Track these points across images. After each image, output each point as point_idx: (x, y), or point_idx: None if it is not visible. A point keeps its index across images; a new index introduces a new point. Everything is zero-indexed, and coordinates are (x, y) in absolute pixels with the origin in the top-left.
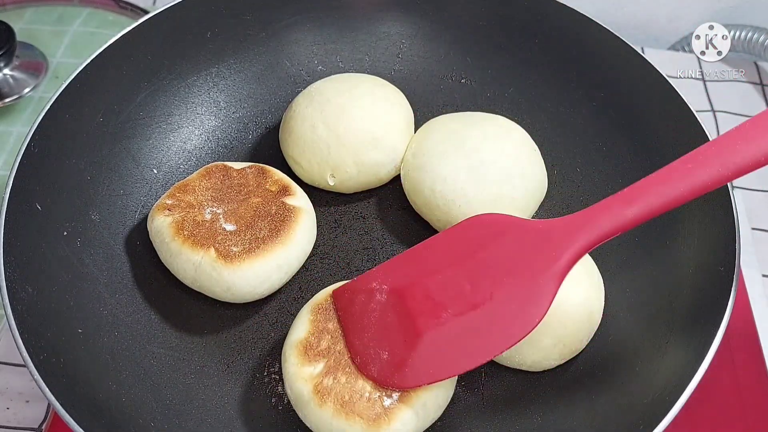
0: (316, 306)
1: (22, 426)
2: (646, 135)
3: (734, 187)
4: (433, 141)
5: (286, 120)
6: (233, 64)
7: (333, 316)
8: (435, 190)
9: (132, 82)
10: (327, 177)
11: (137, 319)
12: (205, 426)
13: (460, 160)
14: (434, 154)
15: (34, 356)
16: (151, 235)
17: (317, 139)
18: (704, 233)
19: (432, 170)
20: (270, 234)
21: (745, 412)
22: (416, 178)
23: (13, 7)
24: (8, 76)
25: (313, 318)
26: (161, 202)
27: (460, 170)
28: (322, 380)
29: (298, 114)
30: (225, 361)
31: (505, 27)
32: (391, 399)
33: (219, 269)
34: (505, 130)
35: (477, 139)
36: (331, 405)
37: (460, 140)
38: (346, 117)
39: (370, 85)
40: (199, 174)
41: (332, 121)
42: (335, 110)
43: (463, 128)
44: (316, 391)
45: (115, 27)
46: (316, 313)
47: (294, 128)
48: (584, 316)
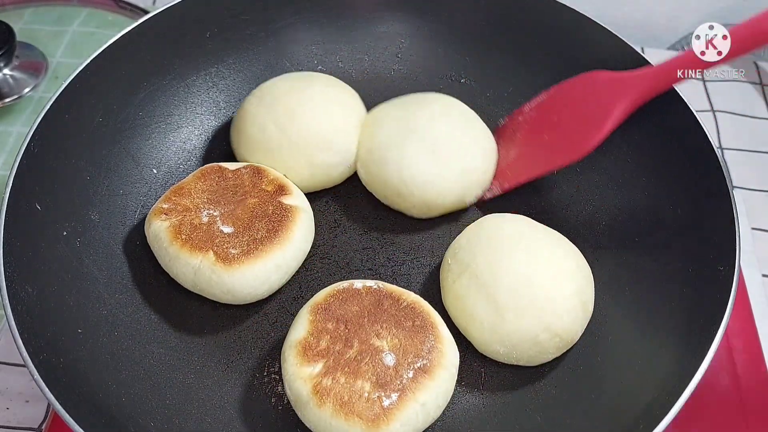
0: (316, 306)
1: (22, 426)
2: (646, 135)
3: (734, 187)
4: (384, 133)
5: (236, 119)
6: (233, 64)
7: (332, 316)
8: (403, 178)
9: (132, 82)
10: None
11: (137, 319)
12: (205, 426)
13: (417, 145)
14: (391, 145)
15: (34, 356)
16: (149, 240)
17: (268, 140)
18: (704, 233)
19: (394, 161)
20: (268, 234)
21: (745, 412)
22: (380, 172)
23: (13, 7)
24: (8, 76)
25: (313, 318)
26: (158, 207)
27: (420, 154)
28: (321, 380)
29: (248, 113)
30: (225, 361)
31: (505, 27)
32: (390, 399)
33: (218, 272)
34: (445, 106)
35: (425, 120)
36: (330, 405)
37: (410, 125)
38: (298, 119)
39: (321, 86)
40: (195, 176)
41: (283, 123)
42: (285, 111)
43: (407, 114)
44: (315, 391)
45: (115, 27)
46: (315, 313)
47: (244, 128)
48: (578, 307)
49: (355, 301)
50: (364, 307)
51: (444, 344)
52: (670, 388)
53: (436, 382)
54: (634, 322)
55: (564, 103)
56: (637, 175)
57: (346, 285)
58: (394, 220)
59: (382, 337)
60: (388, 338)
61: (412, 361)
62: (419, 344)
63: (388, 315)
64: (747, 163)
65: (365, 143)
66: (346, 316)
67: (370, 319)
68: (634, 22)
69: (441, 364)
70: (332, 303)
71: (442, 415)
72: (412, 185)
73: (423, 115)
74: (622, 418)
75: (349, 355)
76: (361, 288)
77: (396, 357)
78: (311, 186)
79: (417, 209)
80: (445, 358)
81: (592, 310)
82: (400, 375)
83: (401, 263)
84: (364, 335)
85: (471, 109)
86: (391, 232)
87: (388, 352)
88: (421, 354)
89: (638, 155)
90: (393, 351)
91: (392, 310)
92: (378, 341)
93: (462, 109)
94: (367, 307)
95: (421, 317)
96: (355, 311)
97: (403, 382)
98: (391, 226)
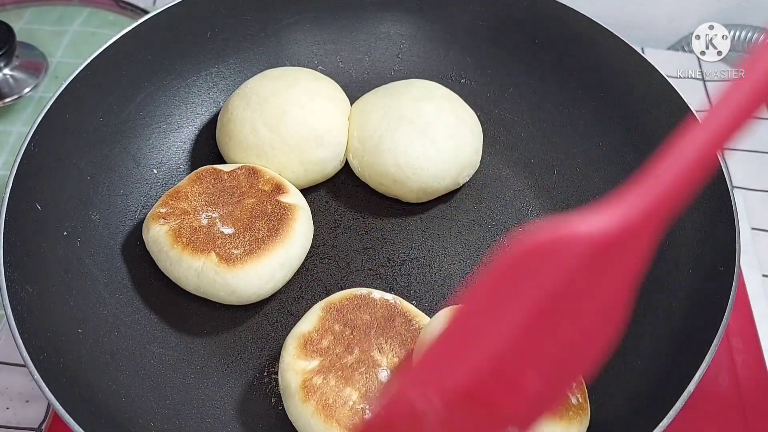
0: (330, 305)
1: (22, 426)
2: (646, 135)
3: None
4: (374, 122)
5: (224, 123)
6: (233, 64)
7: (342, 319)
8: (399, 164)
9: (132, 82)
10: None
11: (137, 320)
12: (205, 426)
13: (408, 129)
14: (383, 132)
15: (34, 356)
16: (148, 245)
17: (260, 141)
18: (704, 233)
19: (389, 148)
20: (269, 233)
21: (745, 412)
22: (376, 161)
23: (13, 7)
24: (8, 76)
25: (324, 315)
26: (155, 211)
27: (414, 138)
28: (312, 377)
29: (236, 117)
30: (225, 361)
31: (505, 27)
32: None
33: (222, 273)
34: (428, 90)
35: (412, 105)
36: (314, 403)
37: (399, 111)
38: (287, 117)
39: (305, 82)
40: (190, 179)
41: (274, 123)
42: (275, 111)
43: (394, 101)
44: (304, 386)
45: (115, 27)
46: (327, 311)
47: (234, 132)
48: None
49: (369, 310)
50: (376, 318)
51: None
52: (671, 388)
53: None
54: (634, 323)
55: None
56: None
57: (364, 292)
58: (395, 221)
59: (384, 352)
60: (390, 355)
61: None
62: None
63: (396, 333)
64: (747, 163)
65: (356, 134)
66: (356, 323)
67: (378, 332)
68: (634, 22)
69: None
70: (346, 306)
71: None
72: (409, 170)
73: (409, 100)
74: (623, 418)
75: (347, 360)
76: (377, 299)
77: (391, 375)
78: (306, 183)
79: (414, 194)
80: None
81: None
82: None
83: (401, 263)
84: (367, 345)
85: (451, 90)
86: (391, 231)
87: (385, 368)
88: None
89: (638, 155)
90: (390, 369)
91: (401, 329)
92: (379, 355)
93: (443, 92)
94: (378, 319)
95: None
96: (365, 320)
97: None
98: (392, 227)
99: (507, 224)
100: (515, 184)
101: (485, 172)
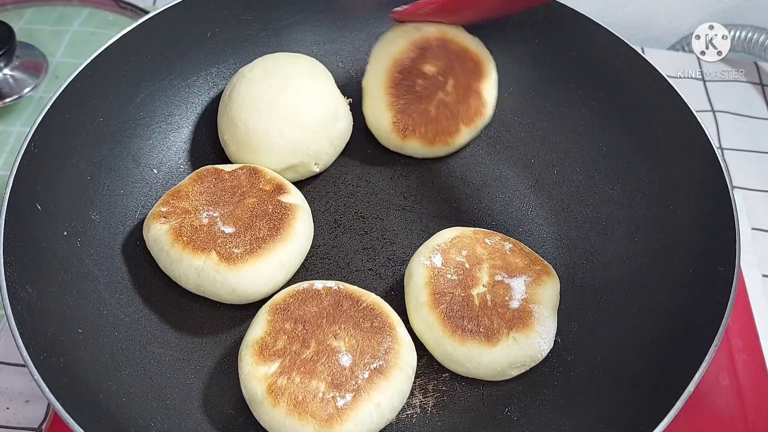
0: (275, 306)
1: (22, 426)
2: (646, 135)
3: (734, 187)
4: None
5: (244, 138)
6: (234, 64)
7: (291, 317)
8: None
9: (132, 82)
10: (312, 168)
11: (137, 319)
12: (205, 426)
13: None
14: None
15: (34, 356)
16: (149, 244)
17: (291, 142)
18: (704, 233)
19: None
20: (270, 233)
21: (745, 412)
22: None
23: (13, 7)
24: (8, 76)
25: (272, 318)
26: (155, 210)
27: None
28: (277, 380)
29: (256, 128)
30: (225, 361)
31: (505, 27)
32: (345, 399)
33: (222, 272)
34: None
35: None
36: (285, 405)
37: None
38: (307, 109)
39: (289, 67)
40: (191, 179)
41: (295, 119)
42: (293, 110)
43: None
44: (270, 390)
45: (115, 27)
46: (274, 313)
47: (261, 143)
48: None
49: (315, 301)
50: (323, 307)
51: (401, 345)
52: (671, 388)
53: (392, 382)
54: (635, 322)
55: None
56: (637, 175)
57: (306, 285)
58: (395, 221)
59: (340, 337)
60: (346, 339)
61: (369, 361)
62: (376, 345)
63: (347, 316)
64: (747, 163)
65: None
66: (305, 317)
67: (329, 320)
68: (634, 22)
69: (397, 365)
70: (291, 303)
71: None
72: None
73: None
74: (622, 418)
75: (306, 355)
76: (321, 288)
77: (352, 357)
78: (332, 160)
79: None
80: (402, 359)
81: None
82: (355, 375)
83: (401, 263)
84: (322, 336)
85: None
86: (391, 231)
87: (345, 352)
88: (378, 355)
89: (638, 155)
90: (350, 351)
91: (351, 311)
92: (335, 342)
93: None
94: (326, 308)
95: (380, 318)
96: (314, 312)
97: (359, 383)
98: (391, 227)
99: (507, 224)
100: (515, 184)
101: (485, 172)
